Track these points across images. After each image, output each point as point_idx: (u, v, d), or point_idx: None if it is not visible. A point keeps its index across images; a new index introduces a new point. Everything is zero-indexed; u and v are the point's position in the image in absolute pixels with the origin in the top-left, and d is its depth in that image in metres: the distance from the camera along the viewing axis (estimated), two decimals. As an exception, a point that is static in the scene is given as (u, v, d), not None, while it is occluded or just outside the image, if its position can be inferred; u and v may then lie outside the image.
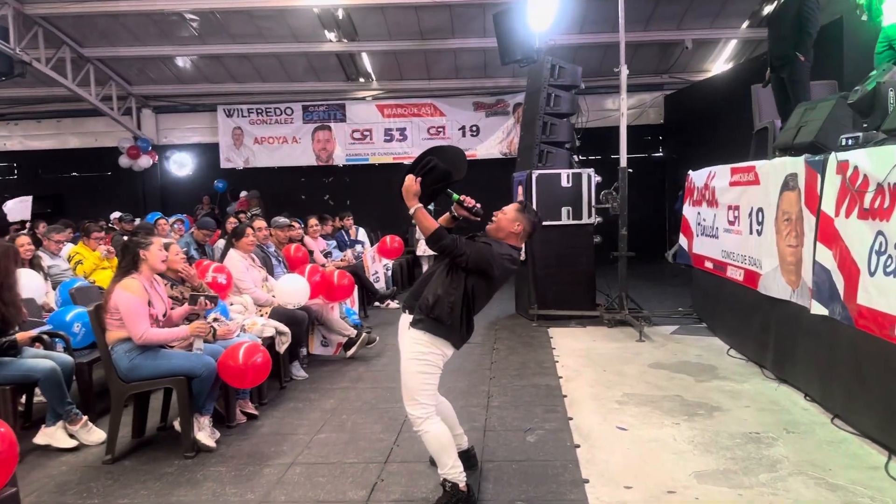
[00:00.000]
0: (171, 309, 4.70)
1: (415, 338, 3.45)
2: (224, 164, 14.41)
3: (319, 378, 6.04)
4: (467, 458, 3.90)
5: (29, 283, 5.53)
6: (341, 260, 8.38)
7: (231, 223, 7.78)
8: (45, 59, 11.41)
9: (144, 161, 14.18)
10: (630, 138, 7.80)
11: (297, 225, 7.64)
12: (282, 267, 6.66)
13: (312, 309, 6.25)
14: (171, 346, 4.42)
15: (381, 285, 9.20)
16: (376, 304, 9.44)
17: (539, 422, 4.72)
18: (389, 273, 9.86)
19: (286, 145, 14.32)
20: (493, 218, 3.64)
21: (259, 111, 14.30)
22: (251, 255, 6.14)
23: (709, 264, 7.16)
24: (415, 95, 14.09)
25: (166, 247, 4.83)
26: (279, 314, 5.87)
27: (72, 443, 4.46)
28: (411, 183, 3.33)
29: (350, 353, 6.56)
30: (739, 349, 6.29)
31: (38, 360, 4.42)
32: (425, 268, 11.92)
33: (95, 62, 12.78)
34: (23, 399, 4.87)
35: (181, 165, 14.88)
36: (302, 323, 5.96)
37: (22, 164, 15.20)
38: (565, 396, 5.25)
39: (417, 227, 3.37)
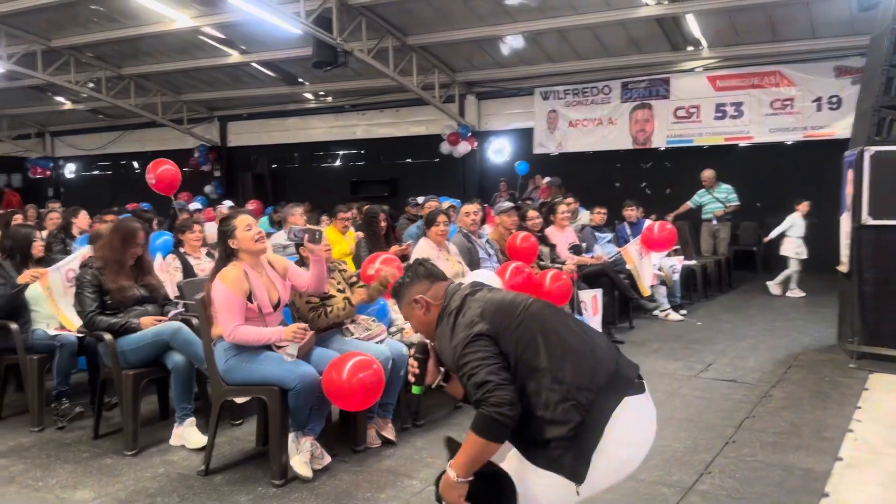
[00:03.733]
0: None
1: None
2: (537, 150, 13.75)
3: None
4: None
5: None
6: (593, 258, 6.96)
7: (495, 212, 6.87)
8: (367, 49, 11.91)
9: (463, 147, 14.20)
10: None
11: (534, 214, 6.47)
12: (493, 260, 5.61)
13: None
14: (279, 347, 3.71)
15: (651, 285, 7.46)
16: (656, 313, 7.79)
17: (750, 536, 2.95)
18: (676, 276, 8.07)
19: (601, 127, 13.06)
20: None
21: (575, 91, 13.27)
22: (446, 244, 5.23)
23: None
24: (756, 62, 11.66)
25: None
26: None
27: (202, 441, 4.06)
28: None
29: (565, 374, 5.24)
30: None
31: (162, 325, 4.12)
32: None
33: (418, 50, 13.04)
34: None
35: (498, 151, 14.61)
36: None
37: (367, 150, 16.48)
38: (825, 496, 3.30)
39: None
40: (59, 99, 17.60)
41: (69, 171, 20.77)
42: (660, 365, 5.79)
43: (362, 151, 16.63)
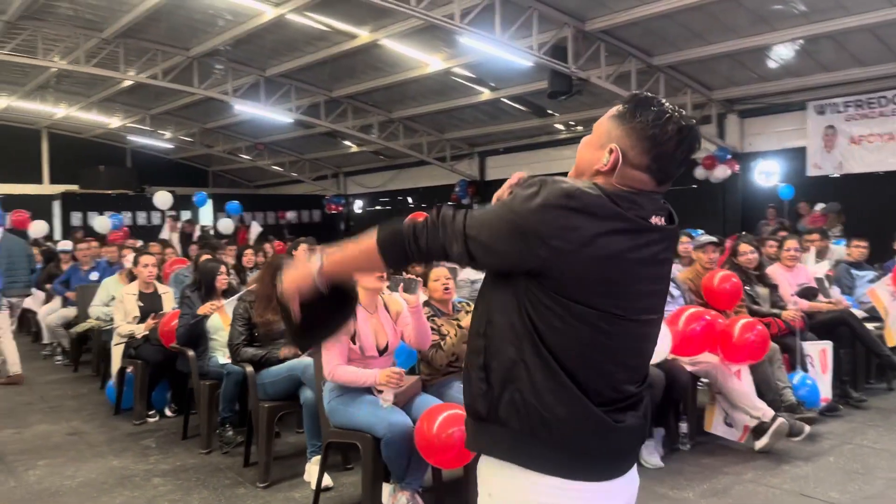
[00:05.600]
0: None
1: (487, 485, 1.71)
2: (811, 171, 11.93)
3: (683, 474, 4.11)
4: None
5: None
6: (830, 302, 5.66)
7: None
8: (605, 74, 11.43)
9: (721, 171, 12.89)
10: None
11: (747, 248, 5.46)
12: (678, 303, 4.83)
13: (682, 370, 4.33)
14: (380, 392, 3.53)
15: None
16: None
17: None
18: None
19: (893, 143, 10.93)
20: None
21: (858, 104, 11.30)
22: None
23: None
24: None
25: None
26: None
27: (324, 481, 4.01)
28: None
29: (759, 444, 4.32)
30: None
31: (297, 360, 4.17)
32: None
33: (666, 70, 12.19)
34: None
35: (765, 175, 12.97)
36: (653, 386, 4.15)
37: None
38: None
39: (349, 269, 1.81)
40: (347, 143, 19.67)
41: (357, 206, 23.05)
42: (905, 443, 4.50)
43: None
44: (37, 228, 12.58)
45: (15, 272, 7.04)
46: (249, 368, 4.23)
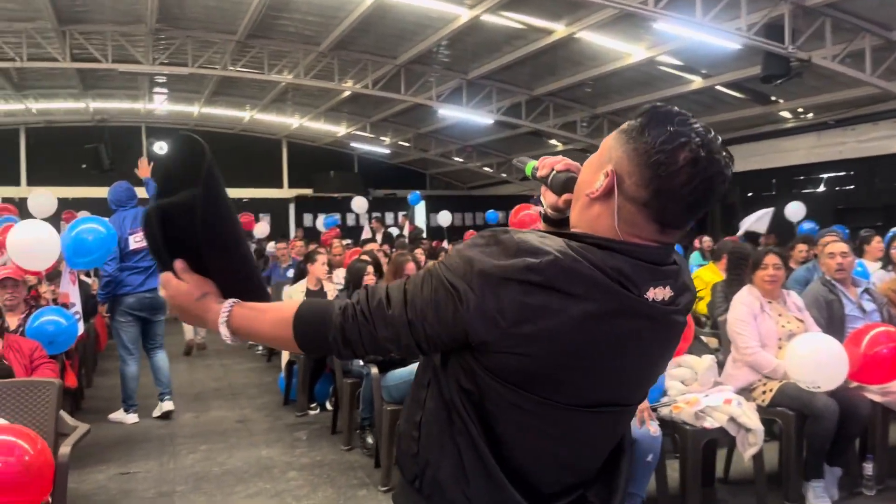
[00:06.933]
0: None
1: None
2: None
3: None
4: None
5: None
6: None
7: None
8: (831, 55, 10.05)
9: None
10: None
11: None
12: (871, 318, 4.00)
13: (863, 400, 3.56)
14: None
15: None
16: None
17: None
18: None
19: None
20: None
21: None
22: (783, 294, 3.94)
23: None
24: None
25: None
26: (788, 397, 3.61)
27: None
28: (176, 288, 1.40)
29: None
30: None
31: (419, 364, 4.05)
32: None
33: (911, 44, 10.41)
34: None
35: None
36: (822, 418, 3.47)
37: (857, 171, 13.86)
38: None
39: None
40: (552, 142, 19.42)
41: (565, 206, 22.73)
42: None
43: (851, 173, 14.06)
44: (259, 229, 13.92)
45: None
46: (374, 370, 4.21)
